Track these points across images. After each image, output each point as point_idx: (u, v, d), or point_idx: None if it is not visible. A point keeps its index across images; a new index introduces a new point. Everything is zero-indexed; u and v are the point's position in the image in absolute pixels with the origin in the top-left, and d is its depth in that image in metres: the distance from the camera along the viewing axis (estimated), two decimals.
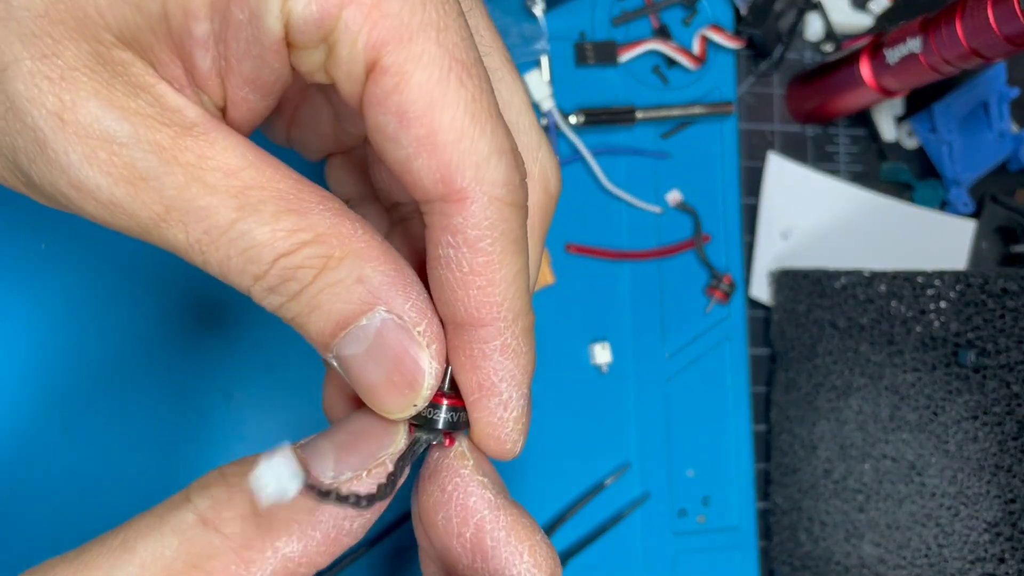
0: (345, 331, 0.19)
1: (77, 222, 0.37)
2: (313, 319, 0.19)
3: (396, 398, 0.20)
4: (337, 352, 0.19)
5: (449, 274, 0.20)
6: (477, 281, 0.20)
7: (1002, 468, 0.35)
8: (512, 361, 0.21)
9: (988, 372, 0.35)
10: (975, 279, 0.36)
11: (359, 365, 0.19)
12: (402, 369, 0.20)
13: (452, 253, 0.19)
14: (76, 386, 0.37)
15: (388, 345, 0.19)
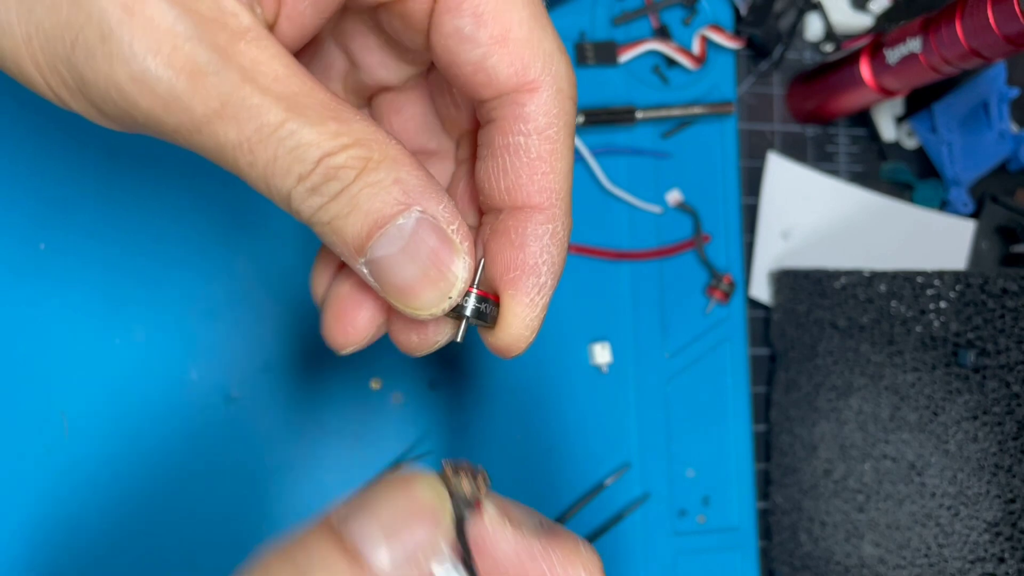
0: (381, 231, 0.20)
1: (77, 222, 0.37)
2: (351, 220, 0.20)
3: (432, 292, 0.21)
4: (371, 255, 0.20)
5: (517, 160, 0.22)
6: (542, 167, 0.22)
7: (1002, 468, 0.35)
8: (556, 248, 0.22)
9: (988, 372, 0.35)
10: (975, 279, 0.36)
11: (394, 264, 0.20)
12: (438, 263, 0.21)
13: (522, 140, 0.21)
14: (76, 386, 0.37)
15: (423, 242, 0.20)
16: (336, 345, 0.24)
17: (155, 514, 0.37)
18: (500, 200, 0.22)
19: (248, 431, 0.38)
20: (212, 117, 0.19)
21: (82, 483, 0.36)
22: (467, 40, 0.21)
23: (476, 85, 0.22)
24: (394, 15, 0.23)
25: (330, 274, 0.25)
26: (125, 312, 0.37)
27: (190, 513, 0.37)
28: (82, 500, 0.36)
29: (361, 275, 0.21)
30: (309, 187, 0.20)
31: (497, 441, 0.41)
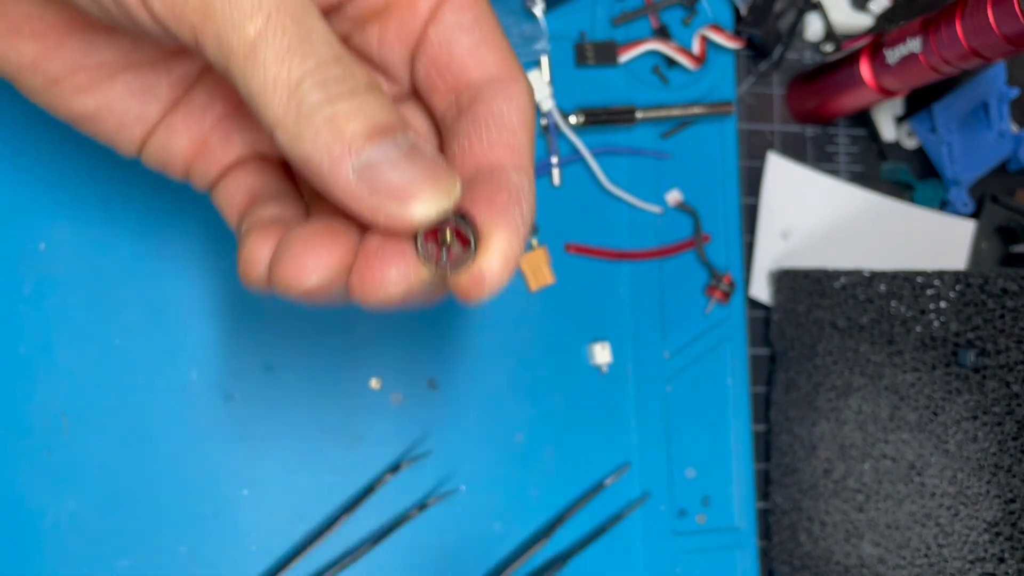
0: (383, 136, 0.21)
1: (77, 222, 0.37)
2: (356, 120, 0.20)
3: (434, 190, 0.21)
4: (370, 156, 0.20)
5: (497, 127, 0.24)
6: (519, 133, 0.24)
7: (1002, 468, 0.35)
8: (529, 193, 0.24)
9: (988, 372, 0.35)
10: (975, 279, 0.36)
11: (395, 166, 0.21)
12: (436, 168, 0.21)
13: (505, 109, 0.24)
14: (76, 386, 0.37)
15: (424, 153, 0.21)
16: (289, 282, 0.22)
17: (155, 513, 0.37)
18: (479, 159, 0.24)
19: (248, 431, 0.38)
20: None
21: (82, 483, 0.36)
22: (465, 31, 0.25)
23: (468, 67, 0.25)
24: (391, 20, 0.25)
25: (274, 239, 0.23)
26: (125, 312, 0.37)
27: (190, 512, 0.37)
28: (82, 499, 0.36)
29: (336, 186, 0.21)
30: (322, 78, 0.20)
31: (497, 441, 0.41)
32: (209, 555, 0.37)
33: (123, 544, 0.37)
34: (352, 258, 0.22)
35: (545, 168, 0.42)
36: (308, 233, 0.22)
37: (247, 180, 0.27)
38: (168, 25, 0.20)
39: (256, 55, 0.20)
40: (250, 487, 0.38)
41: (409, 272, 0.22)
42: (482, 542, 0.40)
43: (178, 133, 0.27)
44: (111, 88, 0.25)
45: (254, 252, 0.23)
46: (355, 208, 0.21)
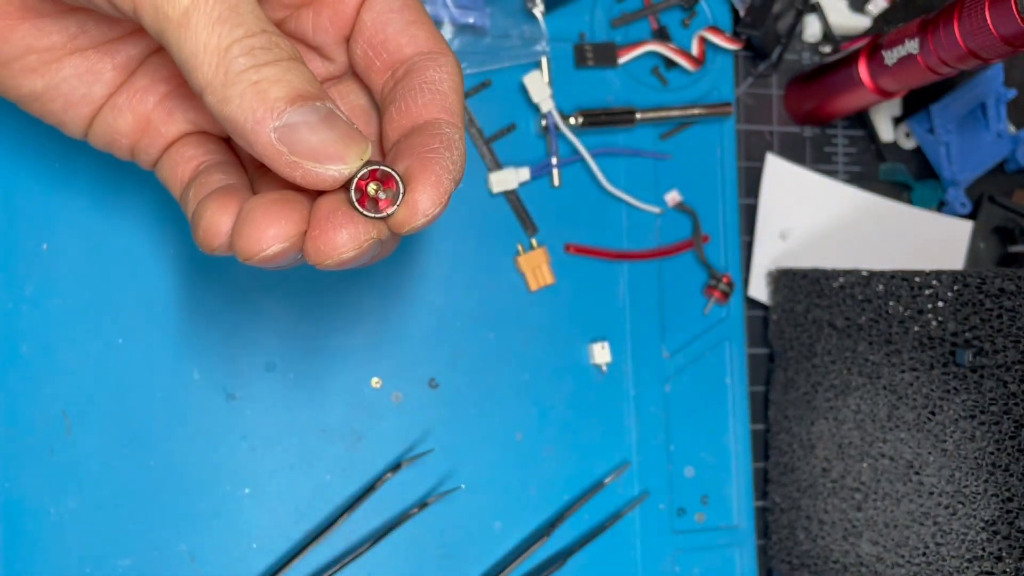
0: (303, 102, 0.22)
1: (80, 223, 0.37)
2: (278, 86, 0.22)
3: (348, 149, 0.23)
4: (288, 118, 0.22)
5: (430, 92, 0.26)
6: (450, 97, 0.27)
7: (999, 467, 0.35)
8: (458, 145, 0.26)
9: (985, 371, 0.35)
10: (972, 279, 0.36)
11: (312, 129, 0.23)
12: (350, 133, 0.23)
13: (436, 77, 0.27)
14: (77, 386, 0.37)
15: (338, 120, 0.23)
16: (251, 251, 0.24)
17: (157, 512, 0.37)
18: (413, 119, 0.26)
19: (249, 430, 0.38)
20: None
21: (84, 482, 0.36)
22: (395, 12, 0.27)
23: (402, 45, 0.27)
24: (324, 6, 0.28)
25: (237, 205, 0.25)
26: (127, 312, 0.37)
27: (192, 511, 0.38)
28: (84, 499, 0.36)
29: (259, 144, 0.22)
30: (249, 46, 0.22)
31: (497, 441, 0.41)
32: (210, 554, 0.38)
33: (124, 543, 0.37)
34: (306, 224, 0.24)
35: (545, 168, 0.42)
36: (266, 203, 0.24)
37: (190, 151, 0.29)
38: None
39: (189, 22, 0.21)
40: (251, 486, 0.38)
41: (359, 232, 0.24)
42: (482, 541, 0.41)
43: (123, 112, 0.28)
44: (59, 70, 0.27)
45: (215, 221, 0.25)
46: (275, 165, 0.23)
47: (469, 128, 0.42)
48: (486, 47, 0.41)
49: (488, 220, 0.42)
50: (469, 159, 0.42)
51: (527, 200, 0.42)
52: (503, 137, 0.42)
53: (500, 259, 0.42)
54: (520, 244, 0.42)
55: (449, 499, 0.40)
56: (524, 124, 0.43)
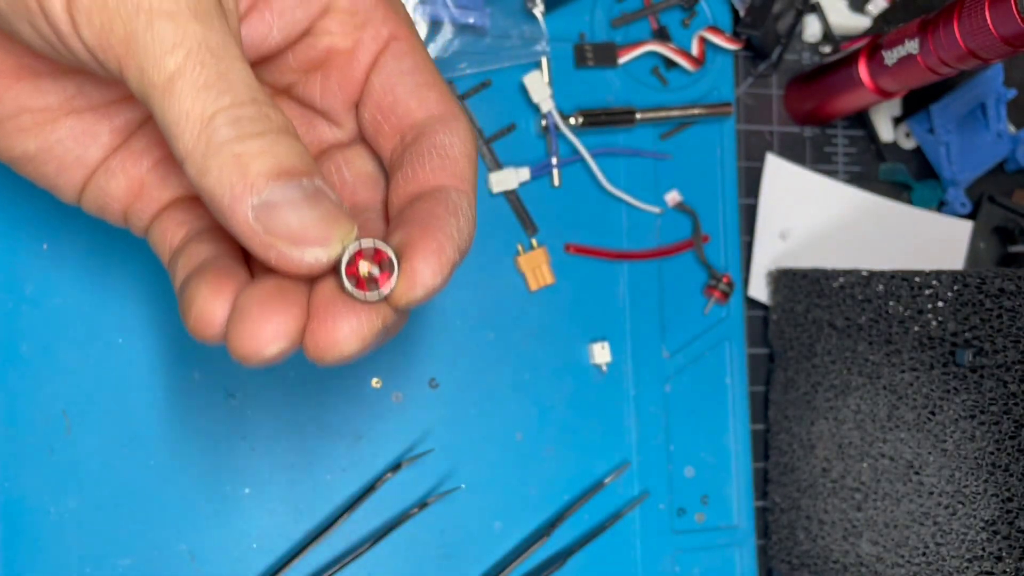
0: (288, 179, 0.21)
1: (79, 223, 0.37)
2: (261, 160, 0.21)
3: (327, 234, 0.21)
4: (270, 195, 0.21)
5: (439, 157, 0.25)
6: (461, 163, 0.25)
7: (999, 467, 0.35)
8: (467, 214, 0.24)
9: (985, 371, 0.35)
10: (972, 279, 0.36)
11: (293, 208, 0.21)
12: (335, 214, 0.22)
13: (447, 141, 0.25)
14: (78, 386, 0.37)
15: (325, 199, 0.22)
16: (249, 350, 0.22)
17: (157, 512, 0.37)
18: (420, 186, 0.25)
19: (249, 430, 0.38)
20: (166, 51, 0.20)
21: (84, 482, 0.36)
22: (406, 74, 0.26)
23: (412, 109, 0.26)
24: (332, 70, 0.26)
25: (231, 290, 0.23)
26: (127, 311, 0.37)
27: (192, 511, 0.38)
28: (84, 498, 0.36)
29: (234, 221, 0.21)
30: (235, 116, 0.20)
31: (497, 441, 0.41)
32: (210, 554, 0.38)
33: (124, 543, 0.37)
34: (306, 317, 0.22)
35: (545, 169, 0.42)
36: (261, 297, 0.22)
37: (181, 216, 0.27)
38: (96, 54, 0.21)
39: (173, 88, 0.20)
40: (251, 486, 0.38)
41: (361, 324, 0.22)
42: (482, 540, 0.41)
43: (116, 175, 0.27)
44: (54, 131, 0.26)
45: (207, 308, 0.23)
46: (250, 246, 0.21)
47: None
48: (486, 47, 0.41)
49: (488, 220, 0.42)
50: None
51: (527, 200, 0.42)
52: (503, 137, 0.42)
53: (500, 259, 0.42)
54: (520, 244, 0.42)
55: (449, 499, 0.40)
56: (524, 124, 0.43)
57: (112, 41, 0.20)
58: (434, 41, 0.41)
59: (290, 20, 0.26)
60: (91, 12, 0.20)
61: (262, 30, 0.25)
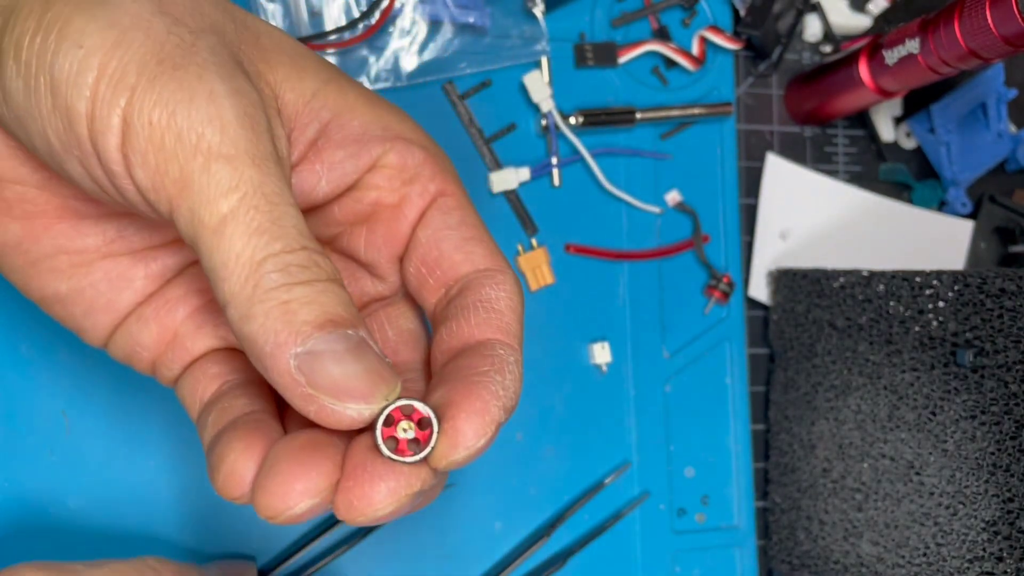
0: (333, 329, 0.20)
1: None
2: (308, 309, 0.20)
3: (371, 388, 0.21)
4: (315, 345, 0.20)
5: (485, 311, 0.24)
6: (507, 317, 0.25)
7: (1000, 467, 0.35)
8: (513, 373, 0.23)
9: (986, 372, 0.35)
10: (973, 279, 0.36)
11: (337, 359, 0.20)
12: (379, 369, 0.21)
13: (493, 295, 0.25)
14: (76, 386, 0.37)
15: (369, 351, 0.21)
16: (277, 508, 0.21)
17: (156, 513, 0.37)
18: (464, 340, 0.24)
19: None
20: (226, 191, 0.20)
21: (83, 482, 0.36)
22: (452, 229, 0.26)
23: (457, 263, 0.25)
24: (378, 224, 0.26)
25: (264, 447, 0.22)
26: None
27: (191, 511, 0.37)
28: (83, 499, 0.36)
29: (275, 370, 0.20)
30: (285, 263, 0.20)
31: (497, 441, 0.41)
32: (209, 554, 0.38)
33: (124, 543, 0.37)
34: (339, 474, 0.21)
35: (545, 168, 0.42)
36: (293, 451, 0.21)
37: (214, 368, 0.26)
38: (148, 195, 0.20)
39: (225, 230, 0.20)
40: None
41: (399, 486, 0.21)
42: (482, 541, 0.41)
43: (148, 323, 0.26)
44: (88, 274, 0.25)
45: (237, 468, 0.22)
46: (290, 396, 0.21)
47: (469, 128, 0.42)
48: (486, 47, 0.41)
49: (488, 220, 0.41)
50: (470, 159, 0.42)
51: (527, 200, 0.42)
52: (503, 137, 0.42)
53: None
54: (520, 244, 0.42)
55: (449, 499, 0.40)
56: (524, 124, 0.43)
57: (166, 182, 0.20)
58: (434, 41, 0.41)
59: (340, 173, 0.25)
60: (147, 153, 0.20)
61: (312, 181, 0.25)
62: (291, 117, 0.24)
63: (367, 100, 0.26)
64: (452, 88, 0.41)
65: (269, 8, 0.38)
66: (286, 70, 0.24)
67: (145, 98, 0.20)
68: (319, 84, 0.24)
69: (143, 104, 0.20)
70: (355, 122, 0.25)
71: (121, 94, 0.20)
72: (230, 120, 0.20)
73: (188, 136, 0.20)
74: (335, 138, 0.25)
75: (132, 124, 0.20)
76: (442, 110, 0.41)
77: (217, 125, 0.20)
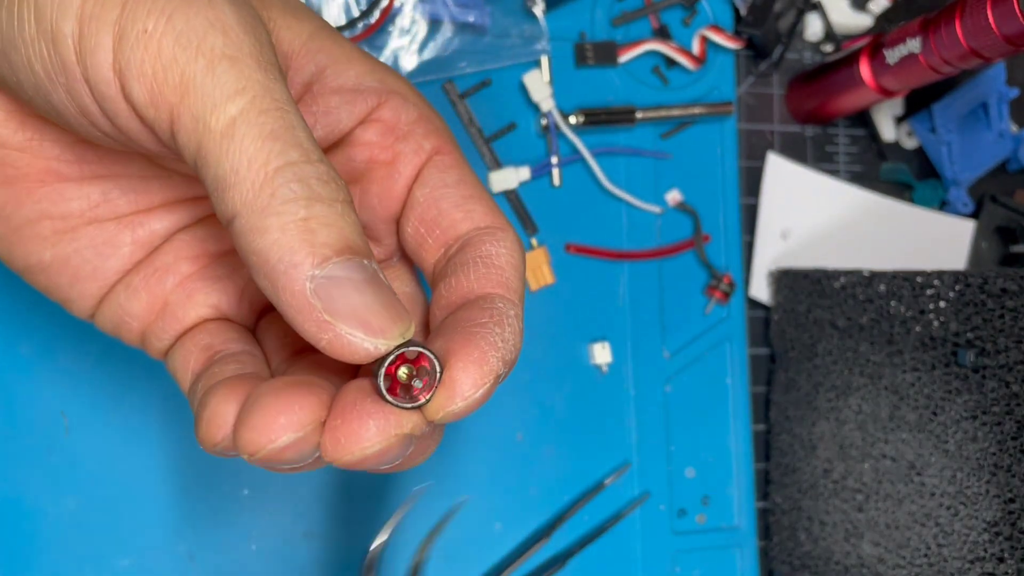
0: (351, 255, 0.19)
1: None
2: (326, 230, 0.19)
3: (390, 319, 0.20)
4: (333, 270, 0.19)
5: (484, 266, 0.24)
6: (507, 272, 0.24)
7: (1001, 468, 0.35)
8: (513, 325, 0.22)
9: (987, 372, 0.35)
10: (974, 279, 0.36)
11: (355, 288, 0.19)
12: (395, 303, 0.20)
13: (493, 251, 0.24)
14: (76, 386, 0.37)
15: (384, 286, 0.20)
16: (258, 442, 0.20)
17: (155, 513, 0.37)
18: (463, 295, 0.23)
19: None
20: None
21: (83, 482, 0.36)
22: (450, 187, 0.25)
23: (456, 221, 0.25)
24: (372, 183, 0.25)
25: (247, 391, 0.21)
26: None
27: (190, 512, 0.37)
28: (83, 499, 0.36)
29: (287, 291, 0.19)
30: (304, 174, 0.19)
31: (497, 441, 0.41)
32: (209, 554, 0.38)
33: (123, 544, 0.37)
34: (325, 413, 0.20)
35: (545, 168, 0.42)
36: (278, 387, 0.20)
37: (206, 339, 0.25)
38: (145, 111, 0.19)
39: (235, 133, 0.18)
40: (250, 487, 0.38)
41: (389, 424, 0.20)
42: (482, 541, 0.41)
43: (137, 292, 0.25)
44: (73, 241, 0.24)
45: (219, 411, 0.21)
46: (301, 321, 0.19)
47: (469, 127, 0.41)
48: (486, 46, 0.41)
49: None
50: (470, 158, 0.41)
51: (527, 200, 0.42)
52: (503, 136, 0.42)
53: None
54: None
55: (449, 499, 0.40)
56: (524, 123, 0.42)
57: (165, 90, 0.18)
58: (434, 40, 0.40)
59: (334, 119, 0.24)
60: (143, 63, 0.18)
61: None
62: (287, 55, 0.23)
63: (363, 53, 0.25)
64: (452, 87, 0.41)
65: None
66: (280, 10, 0.23)
67: (138, 8, 0.18)
68: (315, 28, 0.24)
69: (136, 14, 0.18)
70: (351, 71, 0.24)
71: (112, 9, 0.18)
72: (232, 24, 0.19)
73: (188, 37, 0.18)
74: (331, 84, 0.24)
75: (126, 35, 0.18)
76: (442, 110, 0.41)
77: (219, 27, 0.19)
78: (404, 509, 0.39)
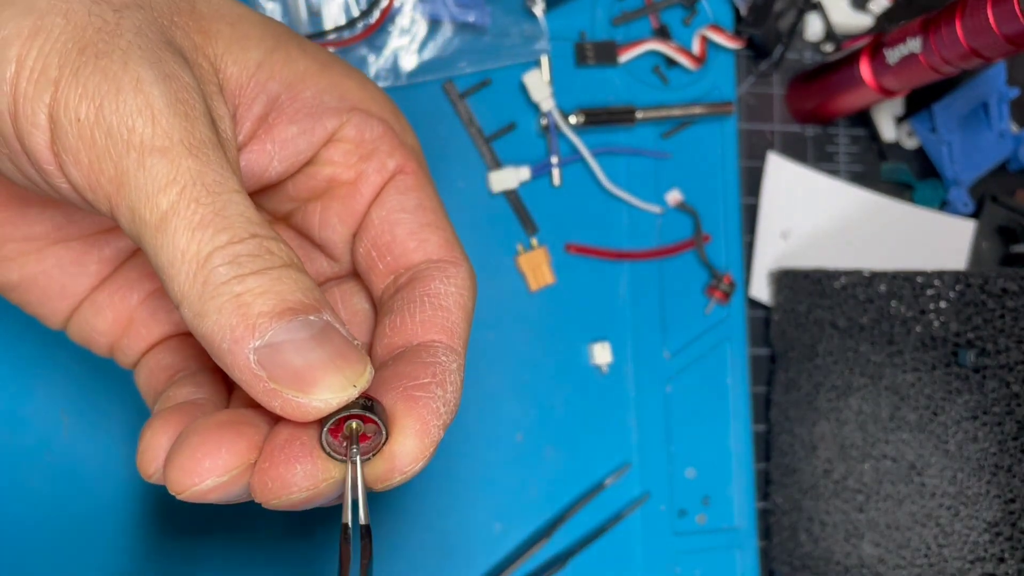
0: (292, 317, 0.19)
1: None
2: (264, 299, 0.19)
3: (336, 376, 0.20)
4: (274, 336, 0.19)
5: (432, 307, 0.23)
6: (454, 315, 0.24)
7: (1002, 468, 0.35)
8: (455, 378, 0.22)
9: (988, 372, 0.35)
10: (975, 279, 0.36)
11: (298, 348, 0.19)
12: (345, 353, 0.20)
13: (443, 289, 0.24)
14: (76, 386, 0.37)
15: (334, 337, 0.20)
16: (182, 484, 0.20)
17: (155, 513, 0.37)
18: (407, 338, 0.23)
19: None
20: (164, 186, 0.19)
21: (82, 482, 0.36)
22: (408, 212, 0.25)
23: (409, 250, 0.25)
24: (333, 200, 0.25)
25: (182, 425, 0.22)
26: None
27: (190, 512, 0.37)
28: (82, 499, 0.36)
29: (236, 367, 0.19)
30: (233, 254, 0.19)
31: (497, 441, 0.41)
32: (209, 555, 0.37)
33: (123, 544, 0.37)
34: (256, 454, 0.21)
35: (545, 168, 0.42)
36: (208, 427, 0.20)
37: (168, 358, 0.26)
38: (85, 194, 0.19)
39: (167, 227, 0.19)
40: None
41: (316, 471, 0.20)
42: (482, 541, 0.40)
43: (103, 310, 0.26)
44: (40, 261, 0.25)
45: (151, 444, 0.21)
46: (254, 394, 0.19)
47: (469, 127, 0.41)
48: (486, 45, 0.41)
49: (488, 220, 0.42)
50: (469, 158, 0.41)
51: (527, 200, 0.42)
52: (503, 136, 0.42)
53: (500, 259, 0.42)
54: (520, 244, 0.42)
55: (449, 499, 0.40)
56: (524, 123, 0.42)
57: (102, 180, 0.19)
58: (434, 40, 0.40)
59: (293, 150, 0.24)
60: (78, 151, 0.19)
61: (263, 161, 0.24)
62: (235, 92, 0.23)
63: (320, 66, 0.24)
64: (452, 87, 0.41)
65: (268, 7, 0.38)
66: (226, 41, 0.22)
67: (70, 93, 0.18)
68: (264, 54, 0.23)
69: (68, 100, 0.18)
70: (307, 92, 0.24)
71: (44, 90, 0.18)
72: (161, 109, 0.19)
73: (119, 131, 0.19)
74: (287, 111, 0.24)
75: (59, 122, 0.19)
76: (442, 109, 0.41)
77: (148, 116, 0.19)
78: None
